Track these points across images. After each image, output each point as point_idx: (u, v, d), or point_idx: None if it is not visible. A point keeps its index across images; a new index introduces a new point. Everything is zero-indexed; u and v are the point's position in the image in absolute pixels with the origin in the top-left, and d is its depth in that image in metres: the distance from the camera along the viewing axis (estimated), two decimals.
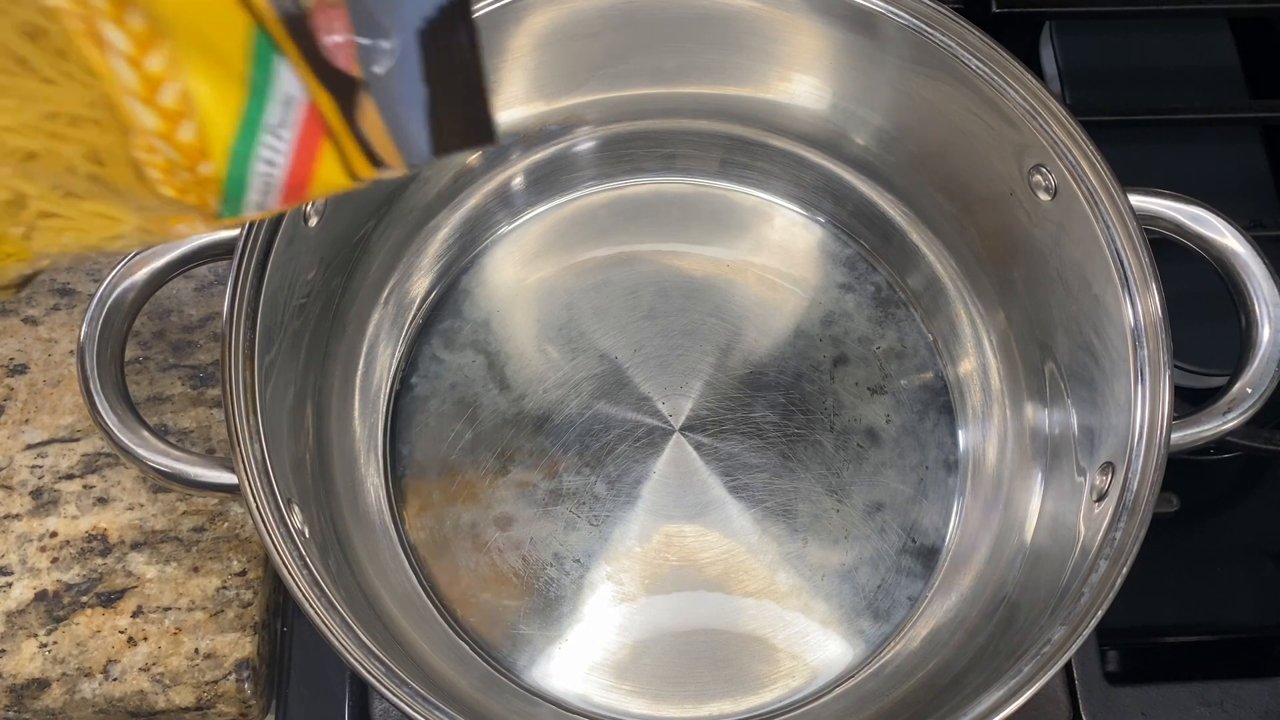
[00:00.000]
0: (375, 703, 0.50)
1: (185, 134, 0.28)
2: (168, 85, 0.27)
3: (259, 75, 0.28)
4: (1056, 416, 0.51)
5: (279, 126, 0.29)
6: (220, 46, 0.27)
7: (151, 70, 0.27)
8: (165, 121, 0.28)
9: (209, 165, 0.29)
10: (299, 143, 0.29)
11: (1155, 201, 0.48)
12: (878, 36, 0.50)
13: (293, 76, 0.28)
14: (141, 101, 0.28)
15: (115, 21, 0.26)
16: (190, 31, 0.27)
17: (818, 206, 0.59)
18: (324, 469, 0.50)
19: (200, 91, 0.28)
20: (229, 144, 0.29)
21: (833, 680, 0.51)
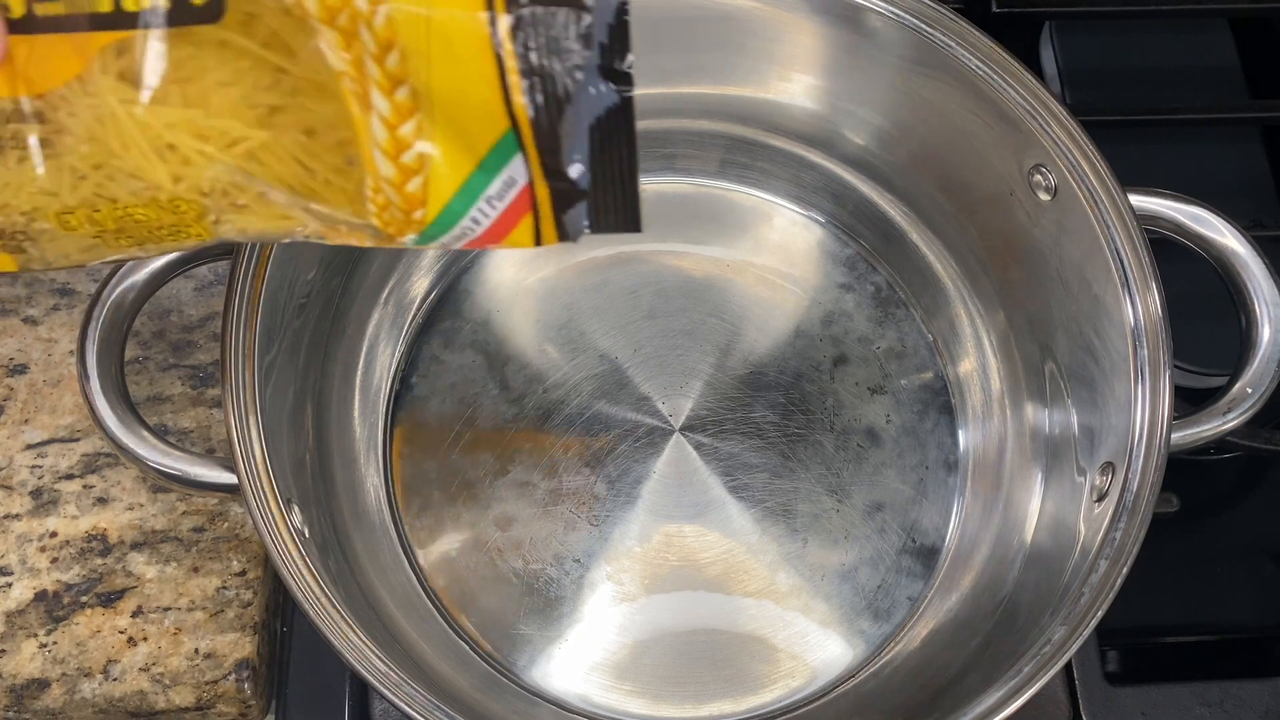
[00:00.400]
0: (375, 703, 0.50)
1: (413, 186, 0.33)
2: (413, 148, 0.32)
3: (494, 158, 0.32)
4: (1056, 416, 0.51)
5: (495, 199, 0.33)
6: (472, 133, 0.32)
7: (402, 134, 0.31)
8: (400, 174, 0.32)
9: (422, 212, 0.33)
10: (506, 213, 0.34)
11: (1155, 201, 0.48)
12: (878, 36, 0.50)
13: (523, 168, 0.33)
14: (385, 155, 0.32)
15: (385, 93, 0.31)
16: (451, 118, 0.32)
17: (818, 206, 0.59)
18: (324, 469, 0.50)
19: (438, 159, 0.32)
20: (446, 202, 0.33)
21: (833, 680, 0.51)
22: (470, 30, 0.30)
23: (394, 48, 0.30)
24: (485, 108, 0.31)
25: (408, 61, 0.31)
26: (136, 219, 0.35)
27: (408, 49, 0.30)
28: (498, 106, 0.31)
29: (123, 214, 0.34)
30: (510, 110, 0.31)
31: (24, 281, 0.56)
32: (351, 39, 0.31)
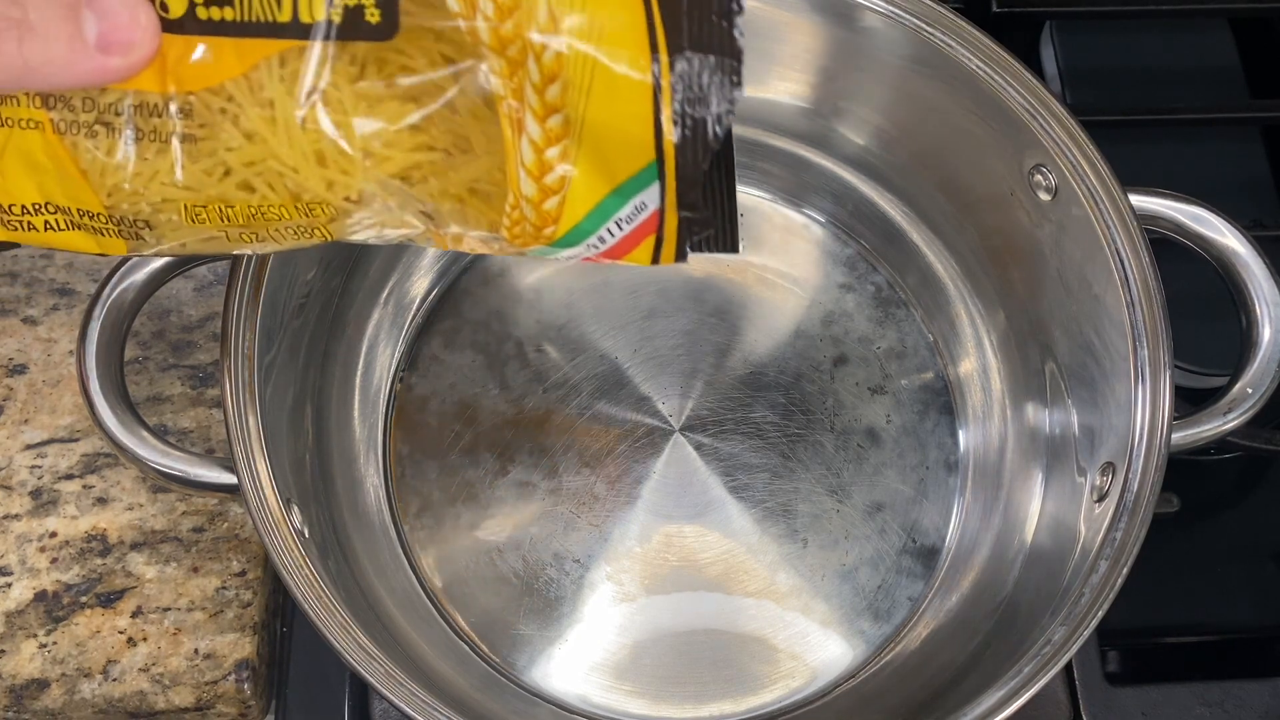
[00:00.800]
0: (375, 703, 0.50)
1: (550, 204, 0.35)
2: (555, 169, 0.34)
3: (631, 185, 0.34)
4: (1057, 416, 0.51)
5: (624, 220, 0.36)
6: (615, 161, 0.34)
7: (548, 157, 0.33)
8: (540, 193, 0.34)
9: (553, 229, 0.36)
10: (631, 234, 0.36)
11: (1156, 201, 0.47)
12: (878, 36, 0.50)
13: (657, 195, 0.35)
14: (529, 175, 0.34)
15: (538, 119, 0.33)
16: (597, 146, 0.34)
17: (818, 206, 0.59)
18: (324, 469, 0.50)
19: (578, 181, 0.34)
20: (578, 221, 0.35)
21: (833, 681, 0.51)
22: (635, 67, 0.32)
23: (557, 80, 0.32)
24: (634, 141, 0.33)
25: (567, 93, 0.32)
26: (268, 216, 0.36)
27: (570, 82, 0.32)
28: (647, 141, 0.33)
29: (256, 210, 0.35)
30: (659, 146, 0.33)
31: (23, 281, 0.56)
32: (517, 68, 0.32)
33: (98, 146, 0.34)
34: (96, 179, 0.35)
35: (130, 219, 0.36)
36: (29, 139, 0.34)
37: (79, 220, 0.36)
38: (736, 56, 0.32)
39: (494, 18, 0.32)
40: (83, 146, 0.34)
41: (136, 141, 0.34)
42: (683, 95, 0.32)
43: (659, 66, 0.32)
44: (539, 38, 0.31)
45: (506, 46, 0.32)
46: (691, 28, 0.31)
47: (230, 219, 0.36)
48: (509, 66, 0.32)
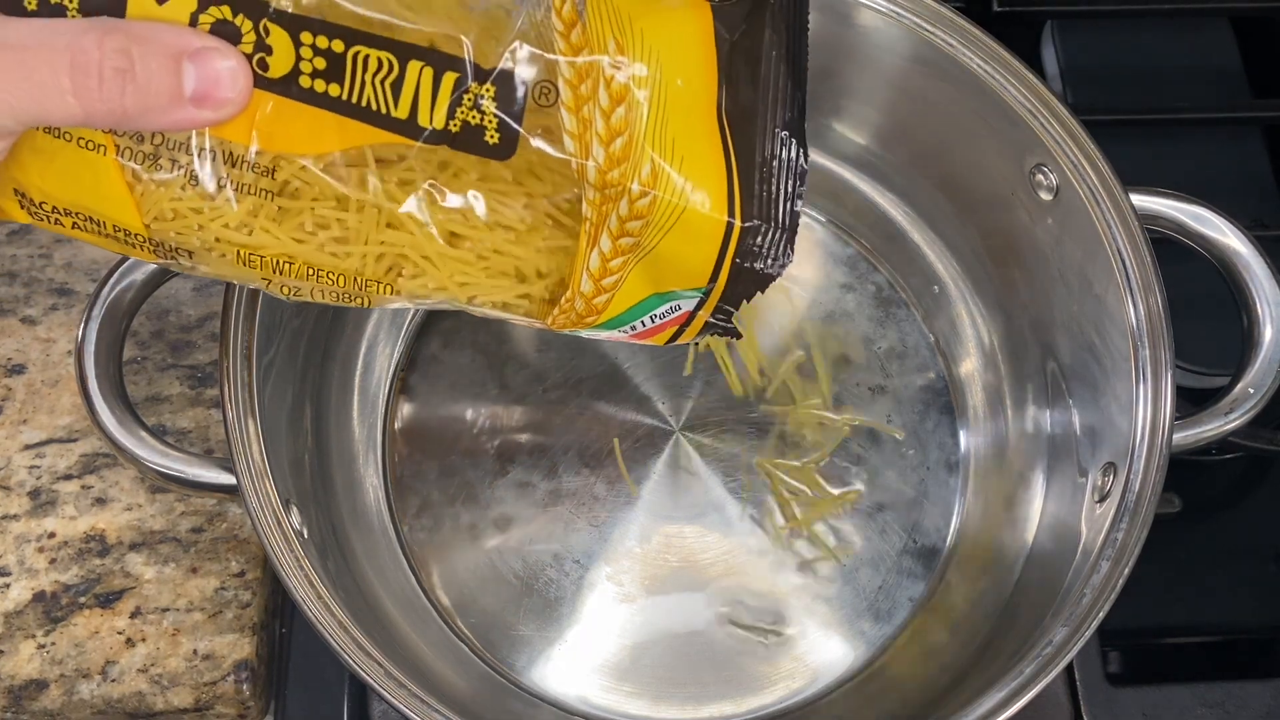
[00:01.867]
0: (374, 704, 0.50)
1: (599, 300, 0.38)
2: (614, 276, 0.37)
3: (677, 294, 0.39)
4: (1058, 417, 0.51)
5: (658, 316, 0.39)
6: (668, 279, 0.38)
7: (611, 265, 0.37)
8: (595, 291, 0.38)
9: (595, 318, 0.39)
10: (659, 326, 0.40)
11: (1157, 201, 0.47)
12: (878, 36, 0.50)
13: (696, 303, 0.39)
14: (590, 278, 0.37)
15: (613, 239, 0.36)
16: (659, 265, 0.37)
17: (818, 206, 0.59)
18: (323, 469, 0.50)
19: (630, 284, 0.38)
20: (620, 313, 0.39)
21: (834, 682, 0.51)
22: (712, 227, 0.36)
23: (642, 219, 0.36)
24: (693, 271, 0.38)
25: (648, 229, 0.36)
26: (322, 280, 0.37)
27: (653, 222, 0.36)
28: (704, 274, 0.38)
29: (314, 272, 0.37)
30: (713, 279, 0.38)
31: (22, 281, 0.56)
32: (608, 202, 0.35)
33: (158, 178, 0.35)
34: (146, 205, 0.35)
35: (173, 246, 0.36)
36: (86, 158, 0.35)
37: (111, 233, 0.36)
38: (790, 232, 0.37)
39: (603, 165, 0.35)
40: (142, 174, 0.35)
41: (204, 182, 0.35)
42: (747, 250, 0.37)
43: (732, 228, 0.36)
44: (637, 187, 0.35)
45: (607, 188, 0.35)
46: (762, 201, 0.37)
47: (285, 273, 0.37)
48: (602, 199, 0.35)
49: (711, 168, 0.36)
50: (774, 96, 0.37)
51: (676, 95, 0.36)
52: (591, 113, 0.34)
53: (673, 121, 0.35)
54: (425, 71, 0.33)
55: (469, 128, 0.34)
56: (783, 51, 0.38)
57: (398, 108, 0.34)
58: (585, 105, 0.34)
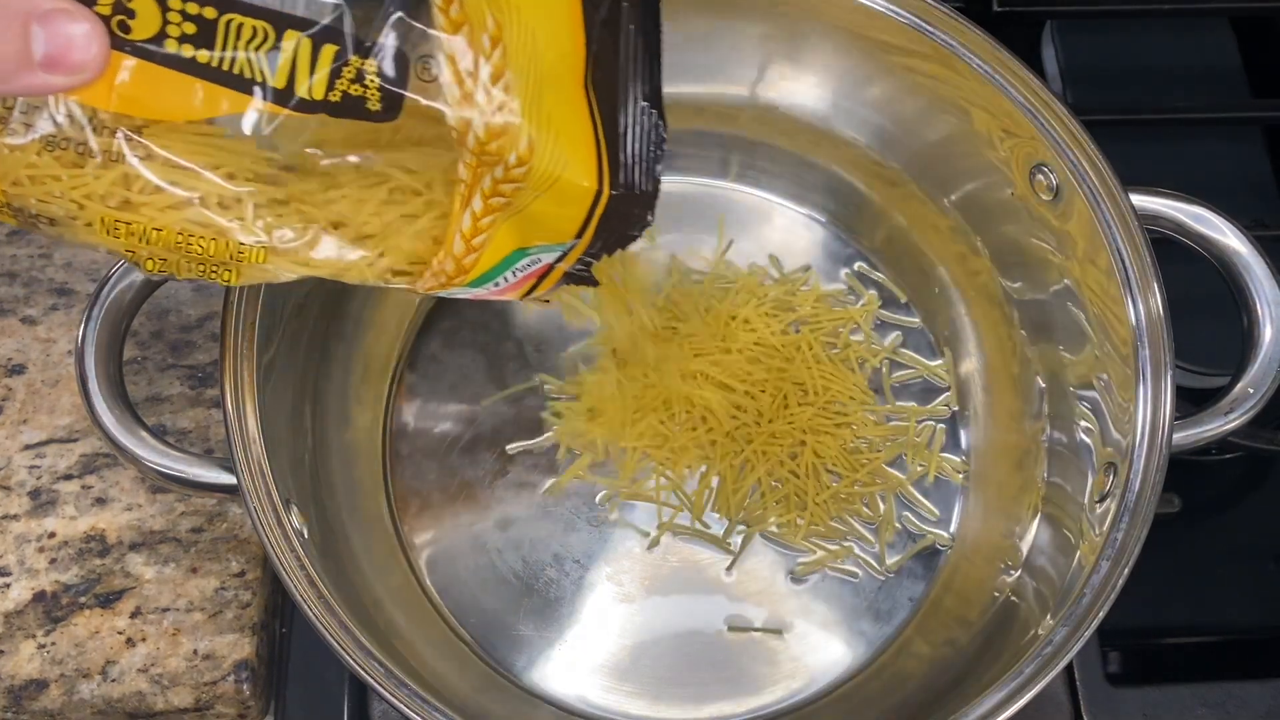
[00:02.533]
0: (374, 704, 0.50)
1: (469, 260, 0.38)
2: (483, 235, 0.38)
3: (540, 249, 0.40)
4: (1058, 417, 0.51)
5: (521, 269, 0.40)
6: (534, 235, 0.39)
7: (482, 224, 0.37)
8: (467, 251, 0.38)
9: (462, 278, 0.39)
10: (520, 280, 0.41)
11: (1157, 201, 0.47)
12: (878, 36, 0.50)
13: (555, 256, 0.40)
14: (463, 238, 0.38)
15: (484, 199, 0.37)
16: (527, 223, 0.38)
17: (818, 206, 0.59)
18: (323, 469, 0.50)
19: (496, 242, 0.38)
20: (485, 271, 0.39)
21: (834, 682, 0.51)
22: (583, 194, 0.38)
23: (517, 183, 0.36)
24: (560, 229, 0.39)
25: (522, 193, 0.37)
26: (191, 251, 0.36)
27: (528, 187, 0.36)
28: (570, 232, 0.39)
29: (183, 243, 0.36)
30: (578, 238, 0.39)
31: (22, 281, 0.56)
32: (484, 166, 0.36)
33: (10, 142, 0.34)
34: (2, 170, 0.34)
35: (33, 212, 0.36)
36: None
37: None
38: (650, 206, 0.40)
39: (483, 137, 0.35)
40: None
41: (63, 147, 0.34)
42: (610, 215, 0.39)
43: (601, 194, 0.38)
44: (514, 159, 0.36)
45: (485, 156, 0.36)
46: (628, 166, 0.39)
47: (152, 242, 0.36)
48: (479, 164, 0.36)
49: (583, 138, 0.38)
50: (634, 70, 0.39)
51: (551, 69, 0.36)
52: (472, 86, 0.34)
53: (548, 94, 0.36)
54: (303, 43, 0.33)
55: (349, 98, 0.34)
56: (639, 26, 0.39)
57: (274, 77, 0.33)
58: (466, 79, 0.34)
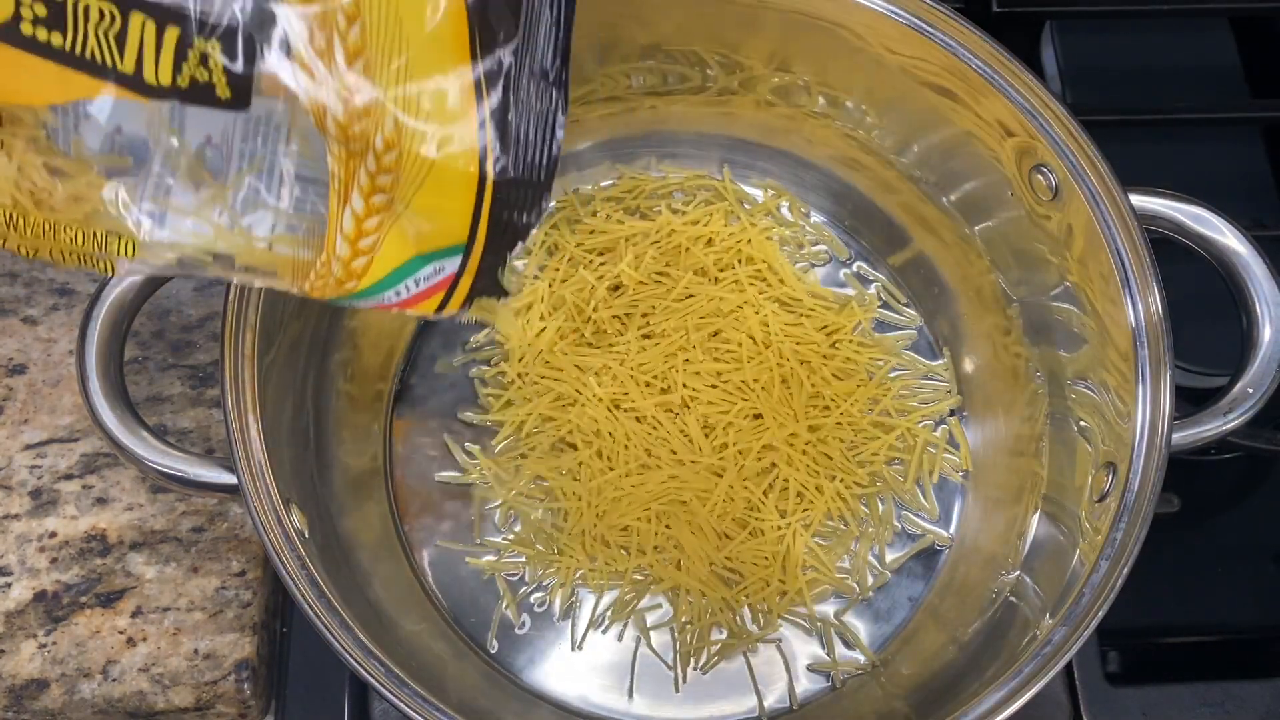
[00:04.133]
0: (375, 703, 0.50)
1: (358, 264, 0.37)
2: (370, 237, 0.36)
3: (439, 254, 0.38)
4: (1058, 416, 0.51)
5: (422, 279, 0.38)
6: (427, 236, 0.37)
7: (366, 226, 0.36)
8: (352, 255, 0.36)
9: (354, 284, 0.37)
10: (425, 291, 0.39)
11: (1156, 201, 0.47)
12: (878, 36, 0.50)
13: (458, 264, 0.38)
14: (345, 239, 0.36)
15: (364, 197, 0.35)
16: (415, 224, 0.36)
17: (818, 206, 0.59)
18: (324, 469, 0.50)
19: (390, 247, 0.36)
20: (380, 279, 0.37)
21: (833, 682, 0.51)
22: (464, 180, 0.35)
23: (391, 174, 0.35)
24: (451, 227, 0.37)
25: (400, 184, 0.35)
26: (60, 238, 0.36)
27: (403, 177, 0.35)
28: (462, 230, 0.37)
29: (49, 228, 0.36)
30: (472, 233, 0.37)
31: (23, 281, 0.56)
32: (355, 157, 0.34)
33: None
34: None
35: None
36: None
37: None
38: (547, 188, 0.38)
39: (343, 119, 0.33)
40: None
41: None
42: (502, 204, 0.36)
43: (485, 180, 0.35)
44: (380, 143, 0.34)
45: (351, 143, 0.34)
46: (516, 150, 0.36)
47: (19, 228, 0.36)
48: (348, 155, 0.34)
49: (462, 119, 0.35)
50: (534, 43, 0.36)
51: (421, 43, 0.34)
52: (329, 64, 0.33)
53: (417, 70, 0.34)
54: (148, 25, 0.32)
55: (197, 84, 0.33)
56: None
57: (123, 61, 0.33)
58: (320, 58, 0.33)
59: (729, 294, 0.55)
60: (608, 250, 0.57)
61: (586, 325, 0.55)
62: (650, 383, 0.54)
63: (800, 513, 0.52)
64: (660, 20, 0.52)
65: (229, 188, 0.36)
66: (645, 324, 0.55)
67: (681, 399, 0.53)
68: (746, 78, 0.55)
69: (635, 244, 0.56)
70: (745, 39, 0.53)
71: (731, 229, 0.57)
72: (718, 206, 0.58)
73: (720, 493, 0.52)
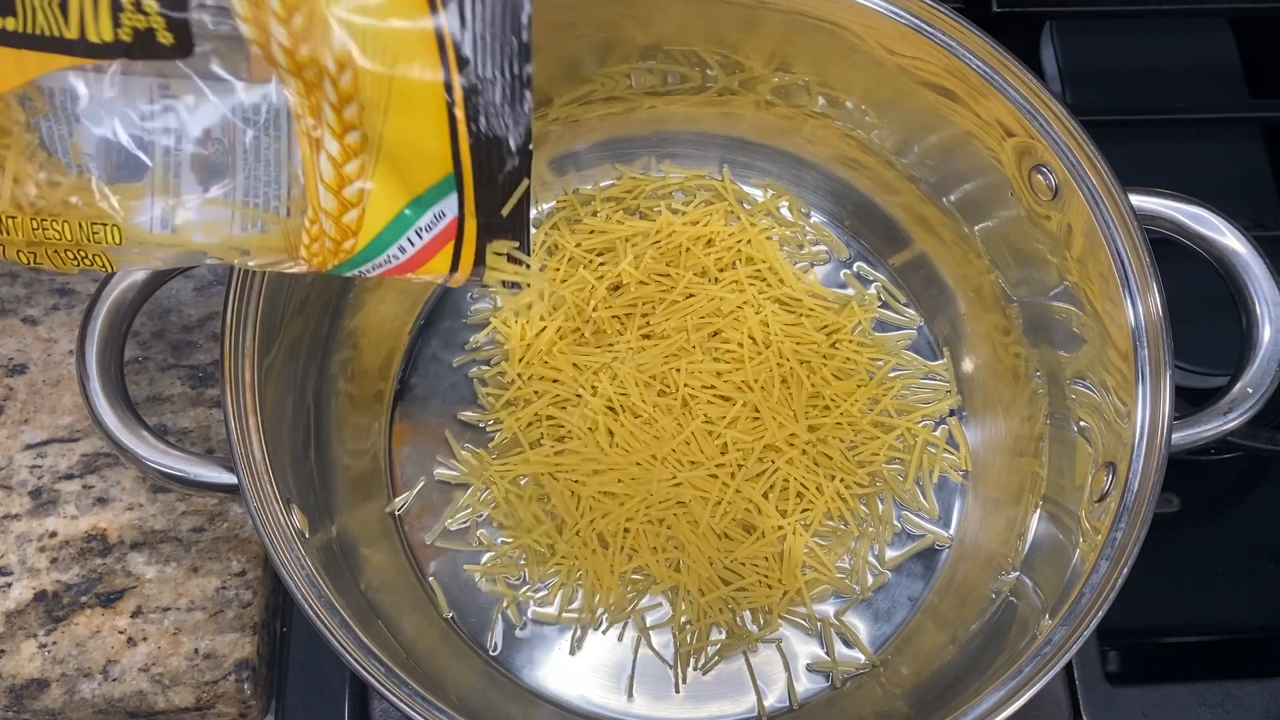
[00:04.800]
0: (375, 703, 0.50)
1: (349, 218, 0.35)
2: (355, 183, 0.34)
3: (430, 195, 0.36)
4: (1058, 416, 0.51)
5: (424, 229, 0.36)
6: (413, 174, 0.35)
7: (347, 172, 0.34)
8: (339, 207, 0.35)
9: (353, 242, 0.36)
10: (432, 243, 0.37)
11: (1156, 201, 0.47)
12: (878, 36, 0.50)
13: (455, 204, 0.36)
14: (328, 190, 0.35)
15: (336, 136, 0.34)
16: (395, 160, 0.35)
17: (818, 206, 0.59)
18: (324, 468, 0.50)
19: (377, 194, 0.35)
20: (378, 233, 0.36)
21: (833, 682, 0.51)
22: (429, 93, 0.33)
23: (354, 101, 0.33)
24: (432, 155, 0.35)
25: (364, 113, 0.33)
26: (49, 235, 0.36)
27: (367, 103, 0.33)
28: (444, 155, 0.35)
29: (40, 226, 0.36)
30: (456, 159, 0.35)
31: (24, 281, 0.56)
32: (313, 89, 0.33)
33: None
34: None
35: None
36: None
37: None
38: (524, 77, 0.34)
39: (288, 44, 0.33)
40: None
41: None
42: (477, 111, 0.34)
43: (453, 88, 0.33)
44: (332, 64, 0.33)
45: (303, 71, 0.33)
46: (478, 49, 0.33)
47: (11, 232, 0.36)
48: (306, 88, 0.33)
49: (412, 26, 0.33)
50: None
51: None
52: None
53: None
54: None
55: (140, 34, 0.33)
56: None
57: (69, 27, 0.32)
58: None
59: (729, 294, 0.55)
60: (608, 250, 0.57)
61: (586, 325, 0.55)
62: (650, 383, 0.54)
63: (800, 513, 0.52)
64: (660, 20, 0.52)
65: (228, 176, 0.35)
66: (645, 324, 0.55)
67: (681, 399, 0.53)
68: (746, 78, 0.55)
69: (635, 244, 0.56)
70: (745, 39, 0.53)
71: (731, 229, 0.57)
72: (718, 206, 0.58)
73: (720, 493, 0.52)
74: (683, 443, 0.53)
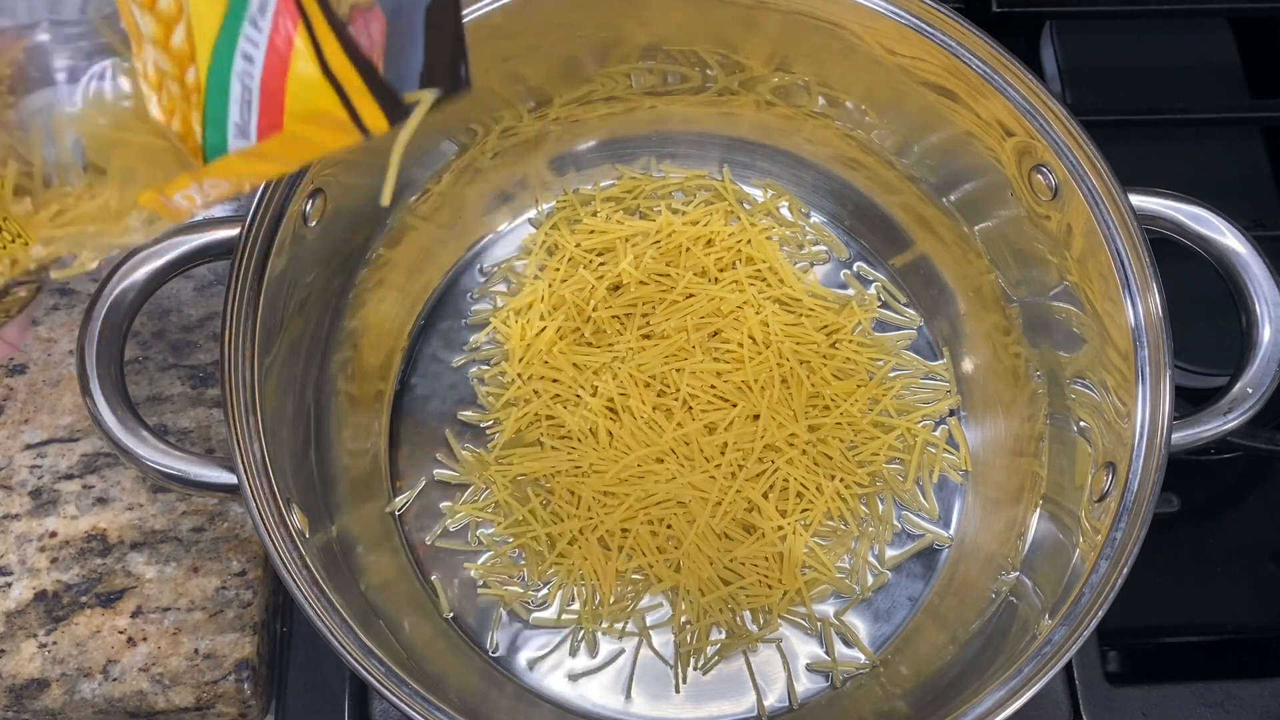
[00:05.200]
0: (375, 703, 0.50)
1: (177, 38, 0.31)
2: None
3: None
4: (1058, 416, 0.51)
5: (259, 14, 0.30)
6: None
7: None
8: (161, 26, 0.31)
9: (194, 70, 0.31)
10: (276, 35, 0.30)
11: (1156, 201, 0.48)
12: (878, 36, 0.50)
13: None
14: (142, 8, 0.31)
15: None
16: None
17: (818, 206, 0.59)
18: (324, 468, 0.50)
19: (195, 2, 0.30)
20: (213, 41, 0.31)
21: (833, 681, 0.51)
22: None
23: None
24: None
25: None
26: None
27: None
28: None
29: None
30: None
31: None
32: None
33: None
34: None
35: None
36: None
37: None
38: None
39: None
40: None
41: None
42: None
43: None
44: None
45: None
46: None
47: None
48: None
49: None
50: None
51: None
52: None
53: None
54: None
55: None
56: None
57: None
58: None
59: (729, 294, 0.55)
60: (608, 250, 0.57)
61: (586, 325, 0.55)
62: (650, 382, 0.54)
63: (800, 513, 0.52)
64: (660, 20, 0.52)
65: None
66: (645, 324, 0.55)
67: (681, 399, 0.53)
68: (746, 78, 0.55)
69: (635, 244, 0.57)
70: (745, 39, 0.53)
71: (731, 229, 0.57)
72: (718, 206, 0.58)
73: (720, 493, 0.52)
74: (682, 442, 0.53)
